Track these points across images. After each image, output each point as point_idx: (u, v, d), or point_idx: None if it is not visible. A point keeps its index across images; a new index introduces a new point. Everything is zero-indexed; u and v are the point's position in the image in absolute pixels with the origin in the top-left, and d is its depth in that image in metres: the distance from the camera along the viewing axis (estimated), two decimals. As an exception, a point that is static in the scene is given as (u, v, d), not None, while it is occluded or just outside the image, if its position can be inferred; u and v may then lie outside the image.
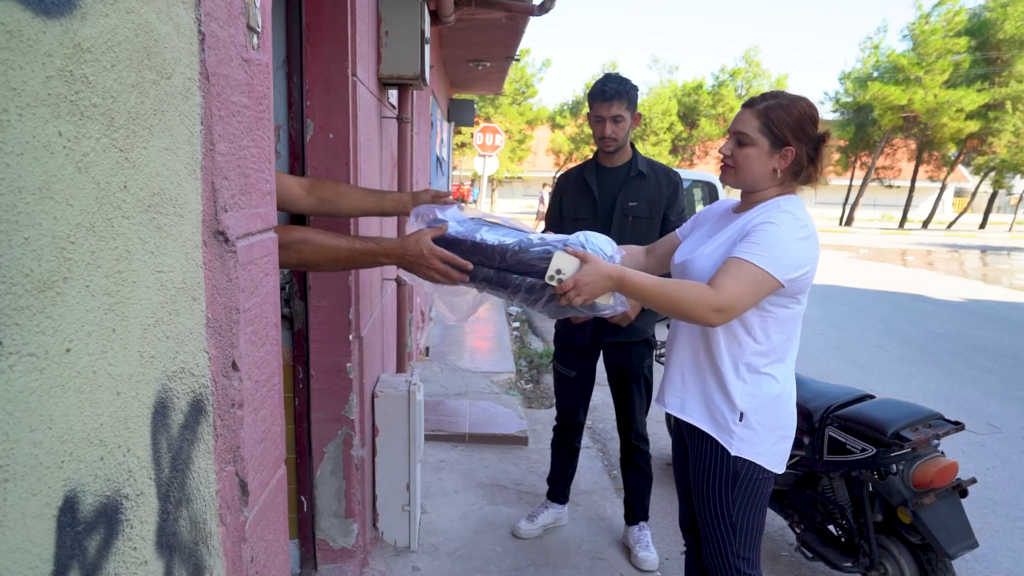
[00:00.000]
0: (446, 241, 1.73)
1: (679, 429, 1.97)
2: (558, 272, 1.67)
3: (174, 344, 0.87)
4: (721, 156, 1.80)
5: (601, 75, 2.72)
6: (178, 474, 0.88)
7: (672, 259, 1.95)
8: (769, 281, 1.61)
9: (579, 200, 2.78)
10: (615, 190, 2.71)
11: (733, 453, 1.73)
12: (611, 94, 2.59)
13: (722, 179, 1.82)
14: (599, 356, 2.91)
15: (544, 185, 22.28)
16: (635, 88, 2.65)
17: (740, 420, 1.73)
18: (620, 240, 2.70)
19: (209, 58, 0.96)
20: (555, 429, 3.06)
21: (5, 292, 0.56)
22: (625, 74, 2.69)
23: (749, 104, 1.76)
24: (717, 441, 1.75)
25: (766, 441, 1.74)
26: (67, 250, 0.64)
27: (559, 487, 3.10)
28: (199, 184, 0.95)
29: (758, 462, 1.74)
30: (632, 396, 2.84)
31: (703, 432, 1.79)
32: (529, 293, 1.73)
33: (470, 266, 1.72)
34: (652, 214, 2.70)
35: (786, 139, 1.68)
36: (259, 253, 1.19)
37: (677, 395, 1.85)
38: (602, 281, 1.64)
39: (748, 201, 1.80)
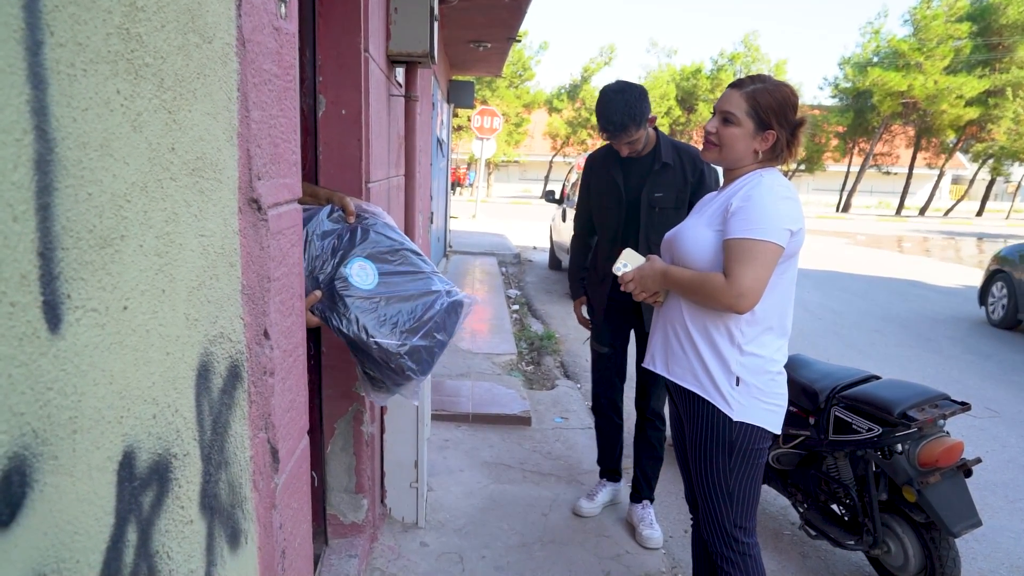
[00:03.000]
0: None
1: (675, 402, 2.00)
2: (624, 265, 1.96)
3: (214, 309, 0.88)
4: (705, 133, 1.86)
5: (601, 95, 2.55)
6: (218, 437, 0.89)
7: (664, 235, 2.03)
8: (772, 249, 1.67)
9: (605, 192, 2.78)
10: (640, 182, 2.69)
11: (735, 419, 1.76)
12: (617, 130, 2.51)
13: (703, 155, 1.88)
14: (631, 335, 2.93)
15: None
16: (639, 100, 2.51)
17: (736, 385, 1.76)
18: (648, 231, 2.71)
19: (245, 24, 0.96)
20: (592, 410, 3.13)
21: (72, 246, 0.56)
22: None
23: (737, 85, 1.81)
24: (716, 408, 1.78)
25: (763, 404, 1.78)
26: (124, 208, 0.65)
27: (609, 465, 3.15)
28: (235, 151, 0.95)
29: (758, 424, 1.78)
30: (659, 380, 2.85)
31: (701, 399, 1.81)
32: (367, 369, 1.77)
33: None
34: (679, 204, 2.67)
35: (770, 123, 1.76)
36: (287, 223, 1.20)
37: (679, 364, 1.87)
38: (657, 276, 1.88)
39: (729, 178, 1.87)
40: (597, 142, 29.06)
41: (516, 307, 7.76)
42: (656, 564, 2.72)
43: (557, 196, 10.08)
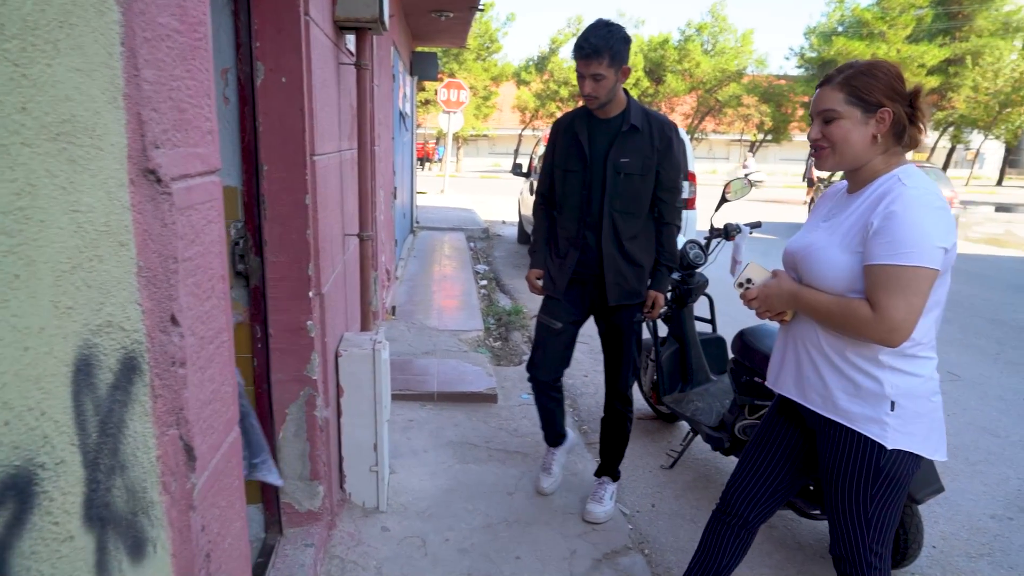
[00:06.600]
0: None
1: (788, 405, 1.86)
2: (748, 281, 1.81)
3: (97, 294, 0.77)
4: (811, 142, 1.66)
5: (591, 23, 2.51)
6: (109, 439, 0.79)
7: (785, 246, 1.82)
8: (926, 274, 1.47)
9: (570, 151, 2.67)
10: (606, 144, 2.59)
11: (890, 447, 1.60)
12: (589, 51, 2.41)
13: (819, 166, 1.66)
14: (588, 315, 2.86)
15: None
16: (622, 40, 2.45)
17: (892, 410, 1.59)
18: (611, 196, 2.63)
19: (127, -32, 0.84)
20: (532, 380, 3.00)
21: None
22: (585, 25, 2.54)
23: (826, 81, 1.63)
24: (866, 438, 1.62)
25: (922, 426, 1.62)
26: (-55, 178, 0.54)
27: (554, 431, 3.08)
28: (122, 114, 0.83)
29: (917, 451, 1.61)
30: (624, 356, 2.80)
31: (847, 429, 1.65)
32: None
33: None
34: (645, 171, 2.58)
35: (879, 101, 1.56)
36: (200, 198, 1.08)
37: (818, 392, 1.70)
38: (784, 296, 1.71)
39: (857, 179, 1.65)
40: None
41: (484, 282, 7.67)
42: (622, 540, 2.68)
43: (524, 169, 9.95)
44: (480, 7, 7.51)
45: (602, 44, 2.41)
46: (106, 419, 0.78)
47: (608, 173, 2.58)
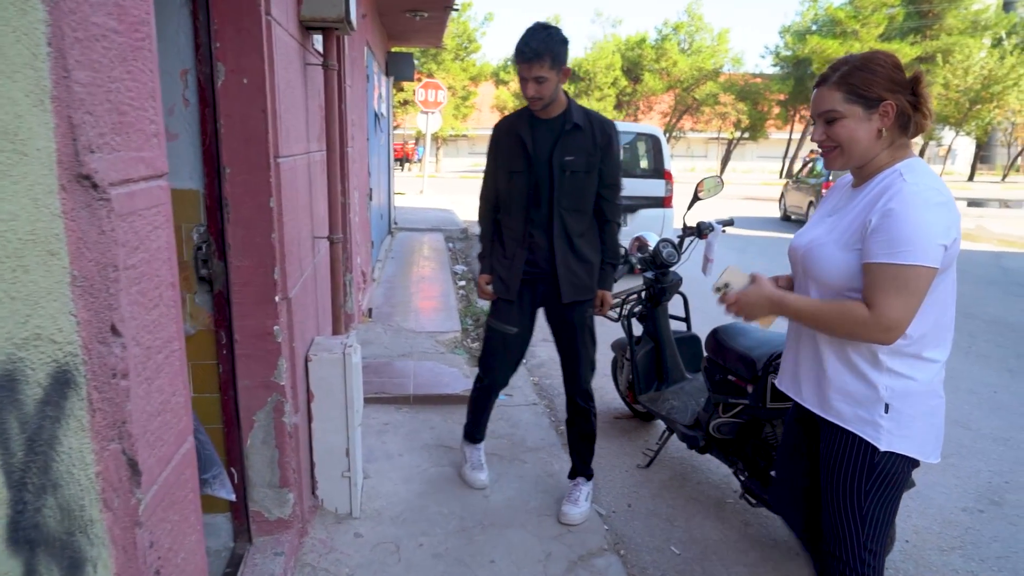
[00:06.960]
0: None
1: (800, 411, 1.85)
2: (726, 285, 1.75)
3: (23, 306, 0.74)
4: (817, 144, 1.65)
5: (529, 27, 2.52)
6: (38, 457, 0.75)
7: (791, 241, 1.80)
8: (924, 273, 1.46)
9: (513, 153, 2.67)
10: (550, 144, 2.60)
11: (883, 448, 1.59)
12: (531, 55, 2.43)
13: (829, 166, 1.65)
14: (538, 314, 2.87)
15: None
16: (561, 42, 2.47)
17: (886, 412, 1.58)
18: (559, 195, 2.63)
19: (54, -35, 0.80)
20: (479, 387, 3.01)
21: None
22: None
23: (821, 81, 1.61)
24: (860, 437, 1.61)
25: (917, 429, 1.59)
26: None
27: (482, 428, 3.13)
28: (50, 117, 0.80)
29: (911, 454, 1.60)
30: (579, 352, 2.80)
31: (840, 429, 1.65)
32: None
33: None
34: (589, 168, 2.62)
35: (880, 96, 1.54)
36: (144, 203, 1.05)
37: (813, 391, 1.71)
38: (763, 303, 1.68)
39: (862, 173, 1.64)
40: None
41: (463, 283, 7.64)
42: (598, 541, 2.67)
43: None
44: (455, 7, 7.49)
45: (543, 47, 2.43)
46: (34, 436, 0.75)
47: (555, 172, 2.60)
